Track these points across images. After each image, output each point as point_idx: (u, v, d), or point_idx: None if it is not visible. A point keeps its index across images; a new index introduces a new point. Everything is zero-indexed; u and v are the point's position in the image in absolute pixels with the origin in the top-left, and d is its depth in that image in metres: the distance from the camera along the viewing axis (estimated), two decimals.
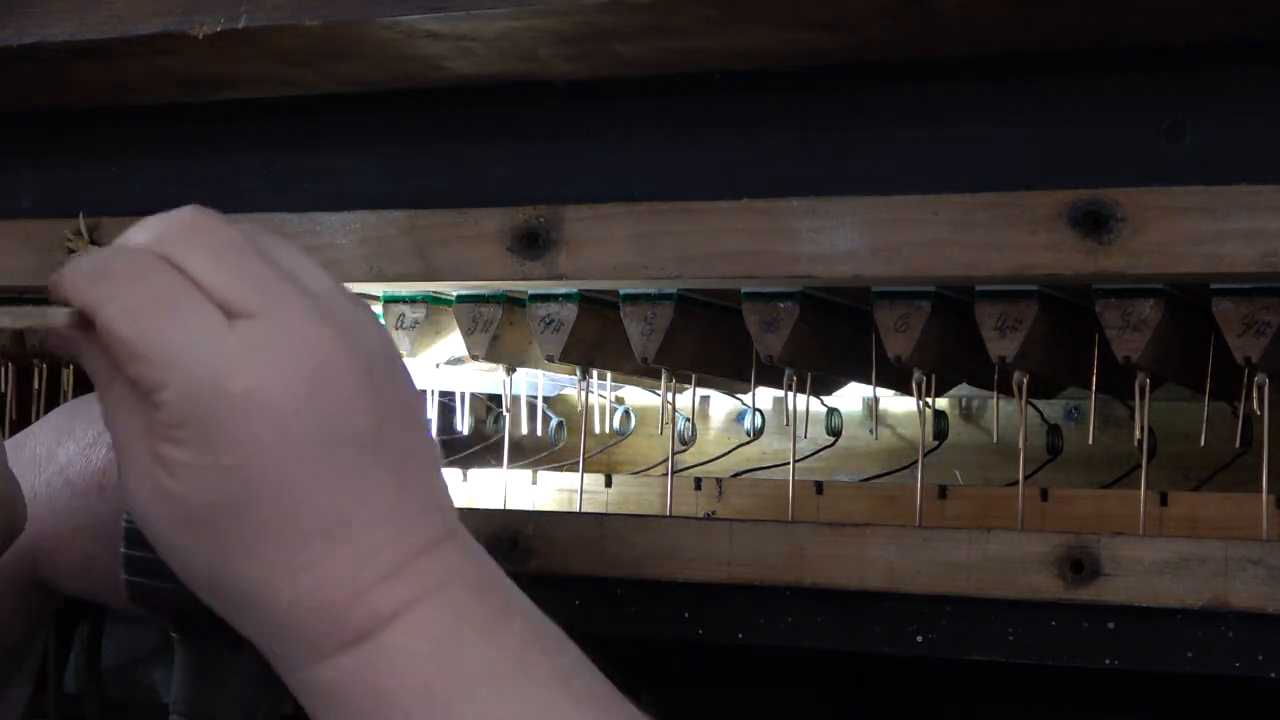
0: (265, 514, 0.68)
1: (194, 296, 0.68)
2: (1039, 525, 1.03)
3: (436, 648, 0.68)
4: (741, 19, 0.87)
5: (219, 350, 0.67)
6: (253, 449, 0.67)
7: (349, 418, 0.68)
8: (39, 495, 0.97)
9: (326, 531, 0.68)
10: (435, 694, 0.68)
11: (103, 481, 0.97)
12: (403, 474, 0.69)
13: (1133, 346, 0.88)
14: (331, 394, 0.68)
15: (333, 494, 0.68)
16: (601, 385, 1.13)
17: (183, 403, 0.67)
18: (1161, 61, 0.86)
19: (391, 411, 0.69)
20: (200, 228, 0.72)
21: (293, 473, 0.67)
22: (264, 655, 0.73)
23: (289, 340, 0.68)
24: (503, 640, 0.69)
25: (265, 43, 0.94)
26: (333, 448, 0.67)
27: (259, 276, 0.69)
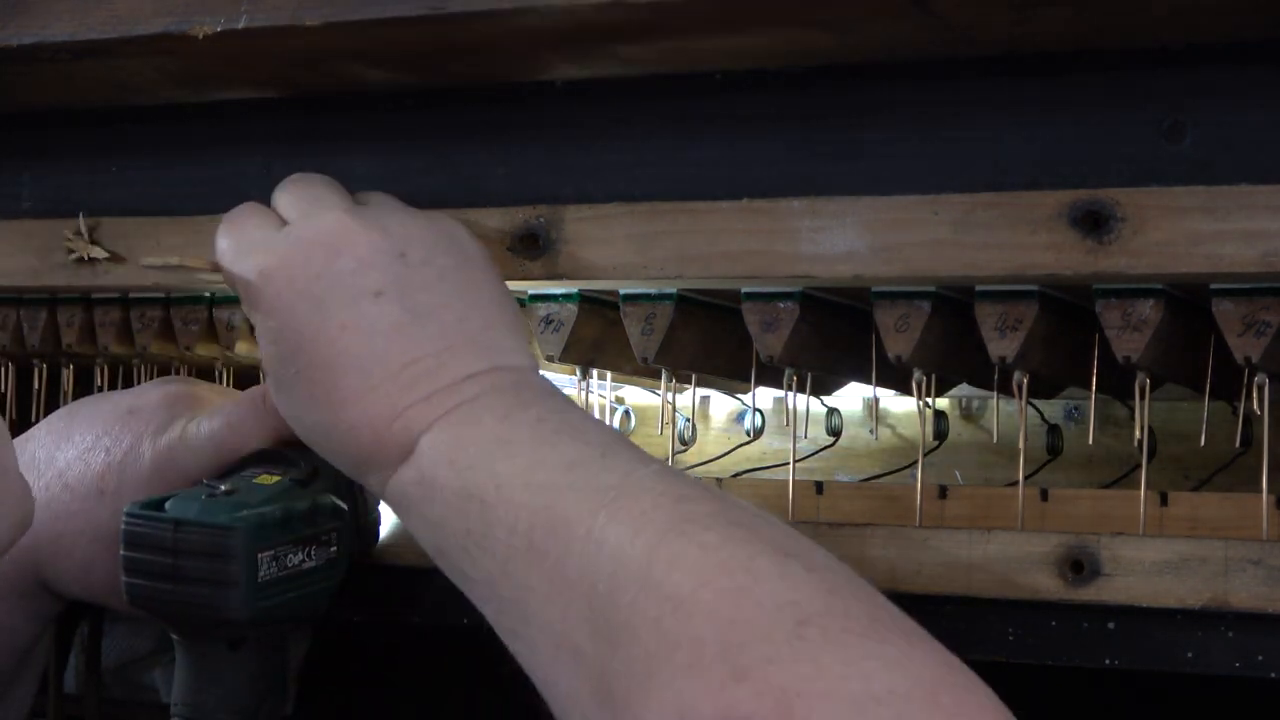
0: (311, 359, 0.86)
1: (261, 214, 0.92)
2: (1039, 525, 1.03)
3: (459, 433, 0.83)
4: (741, 19, 0.87)
5: (262, 243, 0.90)
6: (287, 308, 0.87)
7: (368, 279, 0.87)
8: (39, 499, 0.97)
9: (363, 370, 0.85)
10: (458, 462, 0.82)
11: (101, 485, 0.98)
12: (439, 324, 0.86)
13: (1133, 346, 0.88)
14: (349, 262, 0.87)
15: (362, 339, 0.85)
16: (601, 385, 1.13)
17: (244, 285, 0.89)
18: (1161, 61, 0.86)
19: (424, 279, 0.87)
20: (291, 178, 0.94)
21: (323, 324, 0.86)
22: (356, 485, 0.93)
23: (315, 230, 0.89)
24: (519, 419, 0.83)
25: (265, 43, 0.94)
26: (355, 302, 0.86)
27: (309, 195, 0.92)
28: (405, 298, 0.87)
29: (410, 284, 0.87)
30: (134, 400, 1.01)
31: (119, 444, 0.99)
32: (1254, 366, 0.86)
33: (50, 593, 1.01)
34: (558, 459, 0.81)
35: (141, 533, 0.91)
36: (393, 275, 0.87)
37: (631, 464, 0.80)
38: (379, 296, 0.86)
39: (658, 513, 0.76)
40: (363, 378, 0.85)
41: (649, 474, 0.79)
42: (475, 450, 0.83)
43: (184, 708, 0.94)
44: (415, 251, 0.88)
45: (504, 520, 0.79)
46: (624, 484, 0.78)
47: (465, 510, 0.81)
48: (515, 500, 0.80)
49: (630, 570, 0.74)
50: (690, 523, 0.75)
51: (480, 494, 0.81)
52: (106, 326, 1.13)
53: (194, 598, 0.90)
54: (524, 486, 0.80)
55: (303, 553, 0.93)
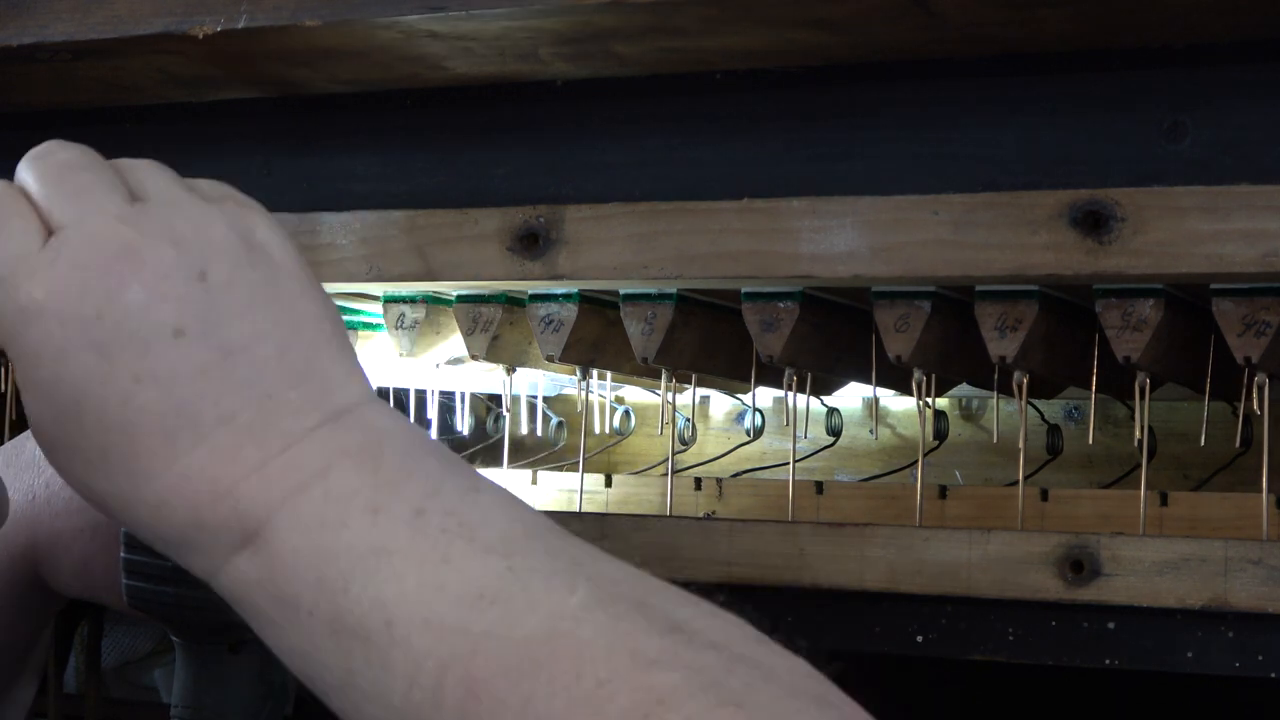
0: (98, 422, 0.68)
1: (19, 218, 0.70)
2: (1039, 525, 1.03)
3: (321, 539, 0.67)
4: (741, 19, 0.87)
5: (21, 265, 0.68)
6: (61, 359, 0.67)
7: (163, 313, 0.68)
8: (38, 497, 0.97)
9: (167, 431, 0.67)
10: (328, 583, 0.66)
11: None
12: (254, 364, 0.68)
13: (1133, 346, 0.88)
14: (138, 293, 0.68)
15: (163, 392, 0.67)
16: (601, 385, 1.13)
17: (1, 320, 0.69)
18: (1161, 61, 0.86)
19: (230, 306, 0.68)
20: (43, 151, 0.73)
21: (111, 376, 0.67)
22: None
23: (90, 247, 0.68)
24: (391, 513, 0.67)
25: (265, 43, 0.94)
26: (149, 345, 0.67)
27: (78, 189, 0.71)
28: (210, 333, 0.68)
29: (215, 314, 0.68)
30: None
31: None
32: (1254, 366, 0.86)
33: (49, 591, 1.00)
34: (457, 584, 0.65)
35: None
36: (193, 305, 0.68)
37: (554, 592, 0.65)
38: (179, 336, 0.67)
39: (617, 688, 0.61)
40: (169, 442, 0.67)
41: (582, 605, 0.64)
42: (347, 566, 0.66)
43: (184, 709, 0.93)
44: (217, 268, 0.69)
45: (401, 669, 0.65)
46: (555, 634, 0.63)
47: (344, 648, 0.66)
48: (413, 644, 0.64)
49: None
50: (662, 705, 0.60)
51: (364, 632, 0.65)
52: None
53: (194, 600, 0.90)
54: (422, 626, 0.65)
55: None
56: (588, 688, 0.62)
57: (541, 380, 1.28)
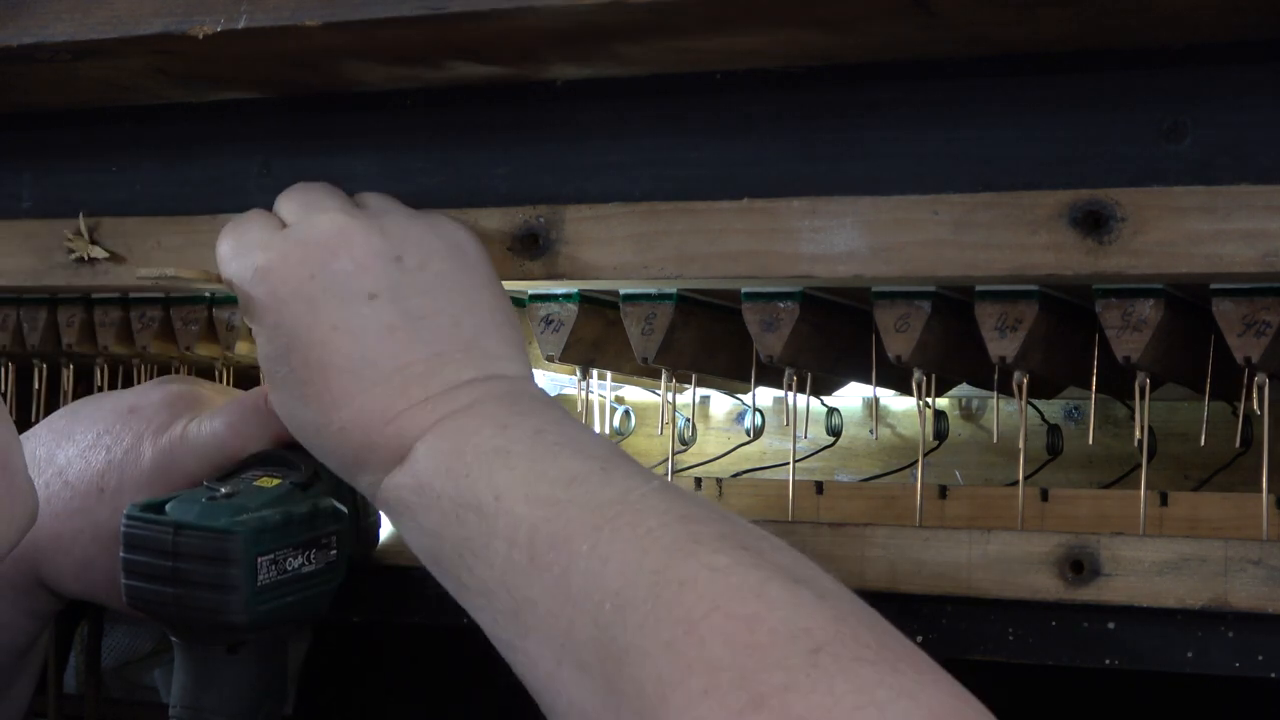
0: (303, 358, 0.86)
1: (262, 217, 0.92)
2: (1039, 525, 1.03)
3: (457, 441, 0.83)
4: (741, 19, 0.87)
5: (259, 244, 0.90)
6: (281, 307, 0.87)
7: (362, 281, 0.87)
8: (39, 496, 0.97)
9: (354, 371, 0.85)
10: (455, 470, 0.82)
11: (101, 484, 0.98)
12: (433, 329, 0.86)
13: (1133, 346, 0.88)
14: (345, 264, 0.87)
15: (354, 340, 0.85)
16: (601, 385, 1.13)
17: (240, 286, 0.89)
18: (1161, 61, 0.86)
19: (420, 284, 0.87)
20: (293, 185, 0.95)
21: (315, 323, 0.86)
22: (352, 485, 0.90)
23: (312, 231, 0.89)
24: (517, 430, 0.82)
25: (265, 43, 0.94)
26: (349, 303, 0.86)
27: (309, 197, 0.92)
28: (399, 301, 0.86)
29: (405, 288, 0.87)
30: (135, 399, 1.01)
31: (119, 442, 0.99)
32: (1254, 366, 0.86)
33: (49, 591, 1.00)
34: (558, 472, 0.80)
35: (141, 535, 0.91)
36: (388, 278, 0.87)
37: (633, 479, 0.80)
38: (373, 299, 0.86)
39: (664, 532, 0.75)
40: (354, 379, 0.85)
41: (651, 490, 0.79)
42: (473, 459, 0.82)
43: (183, 710, 0.93)
44: (412, 255, 0.88)
45: (503, 532, 0.79)
46: (626, 499, 0.78)
47: (463, 520, 0.81)
48: (515, 512, 0.79)
49: (639, 590, 0.73)
50: (698, 544, 0.75)
51: (478, 504, 0.80)
52: (106, 326, 1.13)
53: (193, 601, 0.90)
54: (524, 498, 0.79)
55: (302, 556, 0.93)
56: (640, 533, 0.76)
57: (541, 380, 1.28)
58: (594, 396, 1.10)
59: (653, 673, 0.71)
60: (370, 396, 0.85)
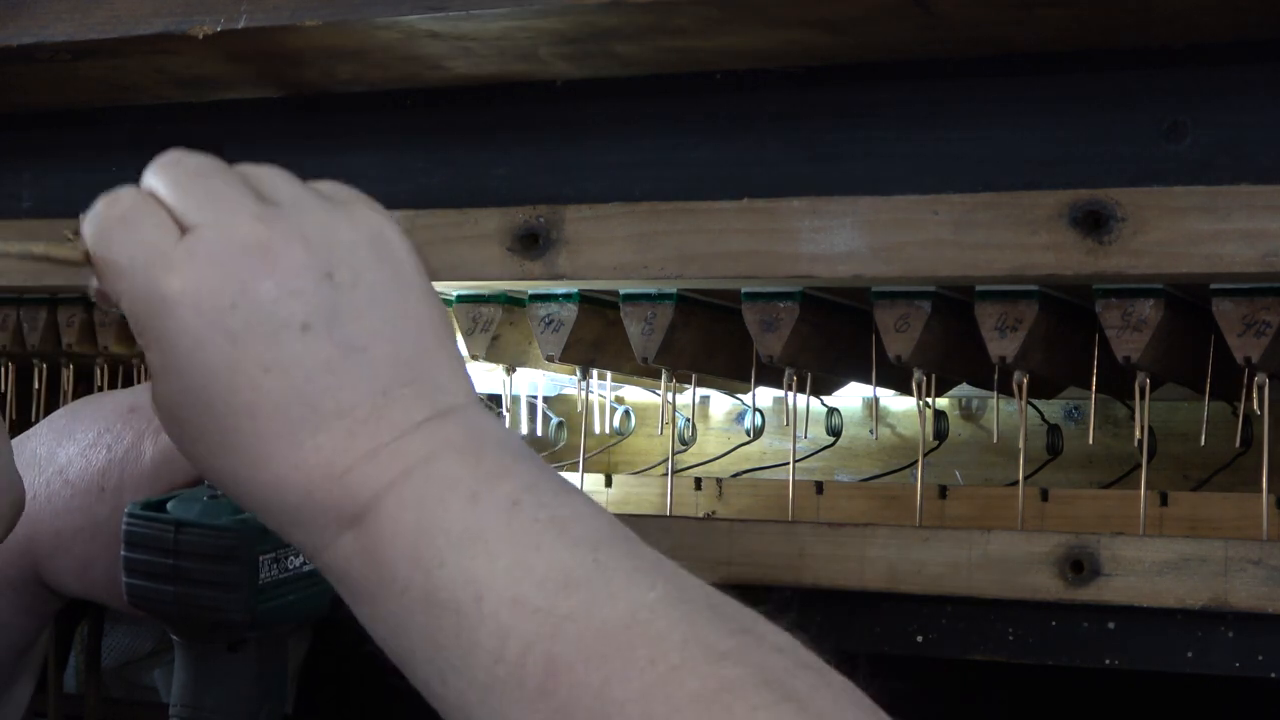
0: (226, 406, 0.73)
1: (153, 216, 0.75)
2: (1039, 525, 1.03)
3: (421, 517, 0.71)
4: (741, 19, 0.87)
5: (160, 258, 0.73)
6: (196, 345, 0.73)
7: (291, 309, 0.73)
8: (39, 495, 0.97)
9: (289, 418, 0.73)
10: (424, 560, 0.71)
11: (102, 483, 0.97)
12: (374, 362, 0.73)
13: (1133, 346, 0.88)
14: (269, 288, 0.73)
15: (287, 382, 0.73)
16: (601, 385, 1.13)
17: (136, 308, 0.74)
18: (1161, 61, 0.86)
19: (355, 306, 0.73)
20: (172, 159, 0.78)
21: (240, 364, 0.73)
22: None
23: (226, 243, 0.73)
24: (490, 501, 0.72)
25: (265, 43, 0.94)
26: (278, 337, 0.72)
27: (211, 193, 0.76)
28: (334, 330, 0.74)
29: (339, 312, 0.74)
30: (136, 398, 1.01)
31: (120, 441, 0.98)
32: (1254, 366, 0.86)
33: (49, 590, 1.00)
34: (546, 569, 0.70)
35: (142, 533, 0.91)
36: (319, 301, 0.74)
37: (635, 586, 0.70)
38: (305, 330, 0.73)
39: (689, 674, 0.66)
40: (290, 428, 0.73)
41: (660, 603, 0.69)
42: (444, 544, 0.71)
43: (183, 709, 0.93)
44: (343, 269, 0.75)
45: (487, 645, 0.69)
46: (635, 620, 0.68)
47: (436, 620, 0.71)
48: (501, 620, 0.69)
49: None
50: (733, 695, 0.65)
51: (455, 605, 0.70)
52: (106, 326, 1.13)
53: (194, 599, 0.90)
54: (510, 603, 0.69)
55: (303, 555, 0.93)
56: (661, 672, 0.66)
57: (541, 380, 1.28)
58: (594, 396, 1.10)
59: None
60: (309, 449, 0.73)
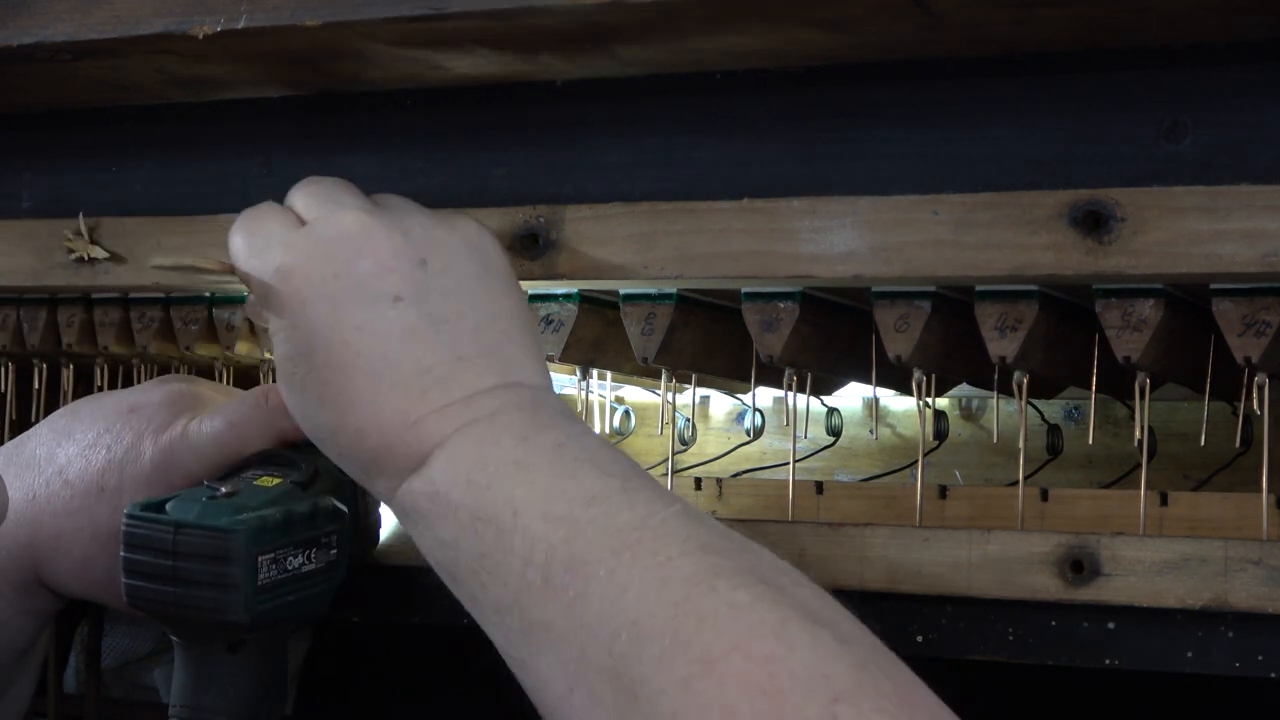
0: (324, 359, 0.85)
1: (280, 212, 0.90)
2: (1039, 525, 1.03)
3: (477, 451, 0.81)
4: (741, 19, 0.87)
5: (280, 241, 0.88)
6: (302, 306, 0.86)
7: (387, 283, 0.85)
8: (38, 496, 0.97)
9: (374, 373, 0.84)
10: (475, 482, 0.80)
11: (102, 483, 0.97)
12: (455, 333, 0.85)
13: (1133, 346, 0.88)
14: (369, 265, 0.86)
15: (376, 342, 0.84)
16: (601, 385, 1.13)
17: (260, 282, 0.87)
18: (1161, 61, 0.86)
19: (443, 287, 0.86)
20: (308, 178, 0.93)
21: (338, 324, 0.85)
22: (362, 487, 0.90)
23: (336, 230, 0.87)
24: (537, 442, 0.81)
25: (265, 43, 0.94)
26: (372, 305, 0.85)
27: (331, 196, 0.90)
28: (423, 304, 0.85)
29: (428, 291, 0.86)
30: (136, 398, 1.01)
31: (120, 441, 0.99)
32: (1254, 366, 0.86)
33: (49, 590, 1.00)
34: (578, 490, 0.79)
35: (142, 534, 0.91)
36: (411, 281, 0.86)
37: (654, 502, 0.78)
38: (397, 301, 0.85)
39: (685, 561, 0.74)
40: (374, 381, 0.84)
41: (672, 515, 0.77)
42: (493, 471, 0.81)
43: (183, 709, 0.93)
44: (436, 259, 0.87)
45: (520, 550, 0.78)
46: (647, 524, 0.76)
47: (479, 534, 0.80)
48: (533, 530, 0.78)
49: (656, 623, 0.72)
50: (719, 577, 0.73)
51: (496, 519, 0.79)
52: (106, 326, 1.13)
53: (194, 600, 0.90)
54: (543, 516, 0.78)
55: (303, 555, 0.93)
56: (661, 561, 0.74)
57: None
58: (594, 396, 1.10)
59: (667, 710, 0.70)
60: (390, 399, 0.83)
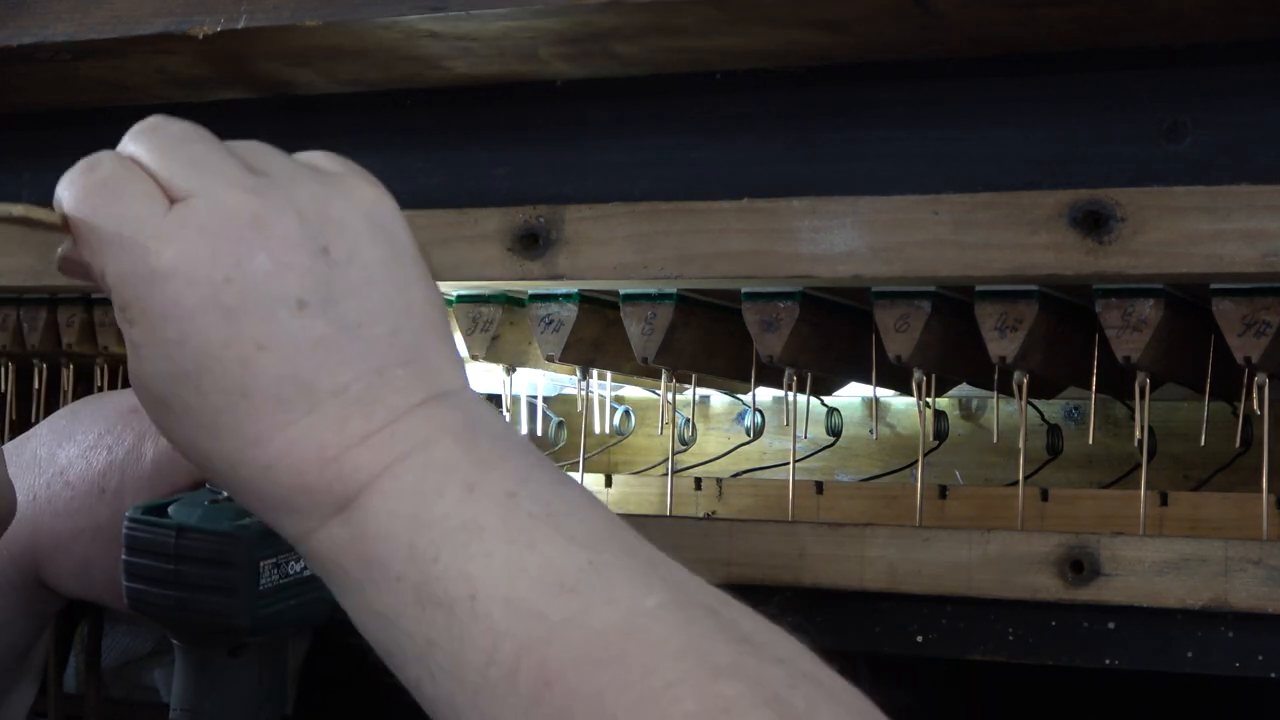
0: (217, 384, 0.70)
1: (139, 183, 0.71)
2: (1039, 525, 1.03)
3: (418, 506, 0.69)
4: (741, 19, 0.87)
5: (150, 229, 0.70)
6: (188, 320, 0.69)
7: (287, 284, 0.69)
8: (39, 497, 0.97)
9: (282, 399, 0.69)
10: (419, 551, 0.68)
11: (102, 484, 0.97)
12: (370, 341, 0.70)
13: (1133, 346, 0.88)
14: (265, 262, 0.69)
15: (282, 361, 0.69)
16: (601, 385, 1.13)
17: (122, 281, 0.70)
18: (1161, 61, 0.86)
19: (350, 283, 0.70)
20: (154, 124, 0.74)
21: (233, 340, 0.69)
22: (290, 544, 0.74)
23: (219, 214, 0.70)
24: (486, 492, 0.69)
25: (265, 43, 0.94)
26: (273, 314, 0.69)
27: (199, 160, 0.72)
28: (330, 307, 0.70)
29: (335, 289, 0.71)
30: (137, 399, 1.01)
31: (121, 442, 0.98)
32: (1254, 366, 0.86)
33: (49, 591, 1.00)
34: (540, 569, 0.67)
35: (143, 538, 0.91)
36: (314, 278, 0.70)
37: (630, 583, 0.67)
38: (301, 308, 0.70)
39: (685, 691, 0.63)
40: (282, 409, 0.70)
41: (658, 607, 0.66)
42: (439, 535, 0.68)
43: (183, 712, 0.93)
44: (339, 245, 0.71)
45: (480, 644, 0.66)
46: (634, 627, 0.66)
47: (428, 616, 0.68)
48: (495, 622, 0.66)
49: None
50: (726, 715, 0.62)
51: (449, 601, 0.67)
52: (106, 326, 1.13)
53: (195, 604, 0.90)
54: (504, 603, 0.67)
55: (304, 560, 0.93)
56: (656, 687, 0.63)
57: (541, 380, 1.28)
58: (594, 396, 1.10)
59: None
60: (302, 428, 0.70)
